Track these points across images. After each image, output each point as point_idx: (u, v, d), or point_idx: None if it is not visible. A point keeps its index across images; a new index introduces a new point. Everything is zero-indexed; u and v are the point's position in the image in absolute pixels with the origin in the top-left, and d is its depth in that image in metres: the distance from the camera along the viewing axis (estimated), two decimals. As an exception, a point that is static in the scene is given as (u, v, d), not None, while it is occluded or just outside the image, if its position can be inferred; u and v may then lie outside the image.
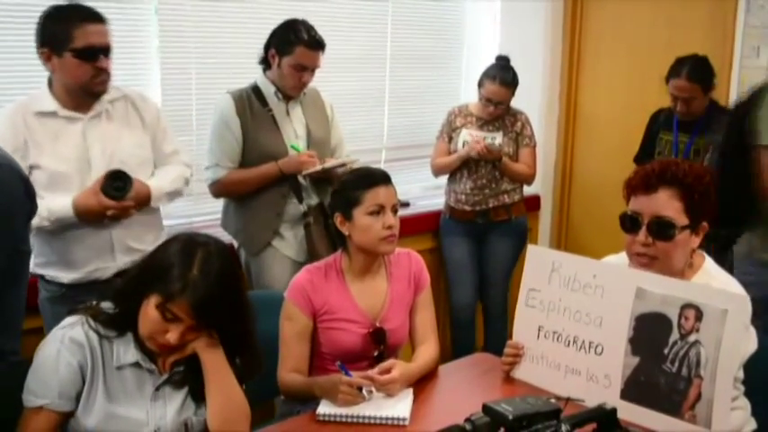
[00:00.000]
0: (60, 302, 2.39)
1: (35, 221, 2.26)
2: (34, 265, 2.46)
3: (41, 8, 2.41)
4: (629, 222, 2.05)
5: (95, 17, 2.38)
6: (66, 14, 2.36)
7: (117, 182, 2.37)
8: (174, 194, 2.66)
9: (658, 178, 2.02)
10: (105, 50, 2.39)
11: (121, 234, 2.48)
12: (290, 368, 2.22)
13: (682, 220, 1.99)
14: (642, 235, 2.01)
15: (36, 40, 2.38)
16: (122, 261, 2.44)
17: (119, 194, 2.37)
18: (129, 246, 2.49)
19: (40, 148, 2.39)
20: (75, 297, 2.32)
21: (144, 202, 2.49)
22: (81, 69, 2.36)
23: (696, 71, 3.29)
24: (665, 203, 2.00)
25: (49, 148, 2.39)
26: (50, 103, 2.42)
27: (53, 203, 2.35)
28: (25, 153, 2.36)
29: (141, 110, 2.58)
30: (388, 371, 2.09)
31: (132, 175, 2.41)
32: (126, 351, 1.78)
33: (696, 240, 2.04)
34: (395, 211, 2.27)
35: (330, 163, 3.00)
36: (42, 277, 2.50)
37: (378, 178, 2.27)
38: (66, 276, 2.47)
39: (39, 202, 2.27)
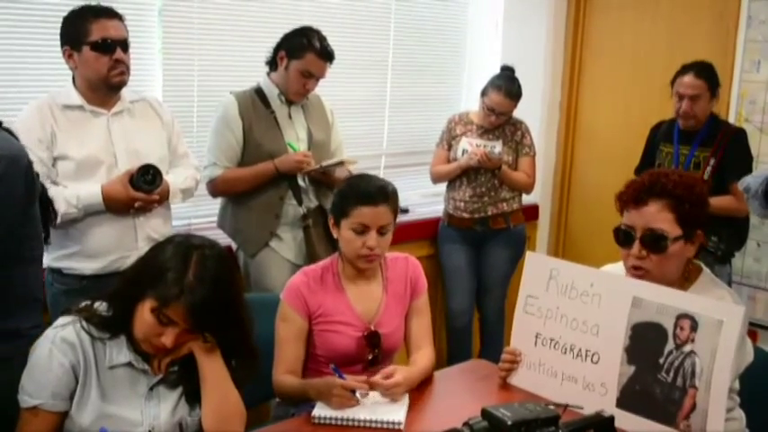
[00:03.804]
0: (78, 295, 2.40)
1: (62, 209, 2.36)
2: (49, 260, 2.52)
3: (67, 10, 2.53)
4: (623, 236, 2.06)
5: (111, 13, 2.51)
6: (83, 12, 2.49)
7: (147, 175, 2.49)
8: (186, 192, 2.75)
9: (648, 191, 2.03)
10: (122, 43, 2.50)
11: (144, 222, 2.58)
12: (285, 370, 2.22)
13: (674, 230, 2.00)
14: (636, 248, 2.02)
15: (59, 41, 2.51)
16: (144, 250, 2.46)
17: (148, 188, 2.50)
18: (149, 235, 2.57)
19: (68, 139, 2.48)
20: (93, 289, 2.34)
21: (165, 198, 2.60)
22: (99, 62, 2.47)
23: (704, 70, 3.32)
24: (656, 216, 2.01)
25: (76, 139, 2.49)
26: (76, 98, 2.53)
27: (82, 191, 2.45)
28: (51, 144, 2.47)
29: (159, 112, 2.71)
30: (390, 376, 2.08)
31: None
32: (119, 352, 1.78)
33: (692, 249, 2.05)
34: (383, 231, 2.23)
35: (328, 161, 3.02)
36: (58, 271, 2.53)
37: (372, 197, 2.21)
38: (87, 267, 2.52)
39: (64, 190, 2.36)
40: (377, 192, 2.23)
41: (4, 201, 1.81)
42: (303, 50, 2.95)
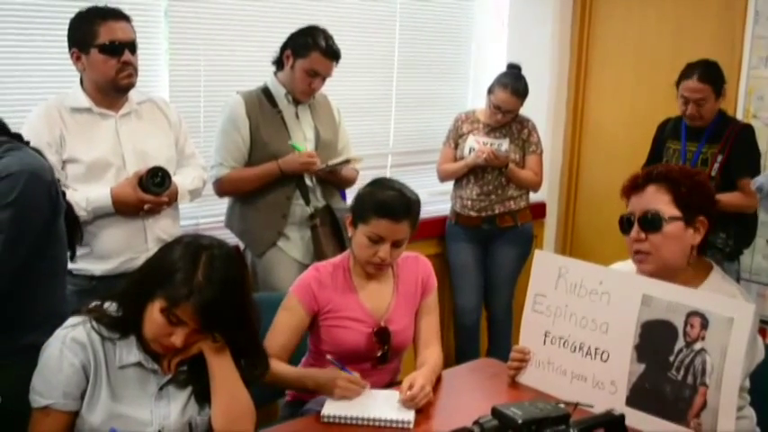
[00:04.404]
0: (88, 296, 2.41)
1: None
2: None
3: (74, 11, 2.54)
4: (625, 223, 2.10)
5: (118, 15, 2.51)
6: (91, 14, 2.49)
7: (156, 178, 2.51)
8: (194, 193, 2.77)
9: (645, 178, 2.09)
10: (130, 45, 2.51)
11: (153, 224, 2.60)
12: (272, 355, 2.17)
13: (671, 211, 2.03)
14: (634, 231, 2.05)
15: (67, 43, 2.51)
16: (154, 251, 2.47)
17: (158, 190, 2.51)
18: (159, 236, 2.58)
19: (76, 142, 2.49)
20: (104, 290, 2.35)
21: (174, 199, 2.62)
22: (107, 65, 2.48)
23: (708, 73, 3.30)
24: (653, 197, 2.05)
25: (85, 142, 2.50)
26: (84, 100, 2.54)
27: (91, 194, 2.46)
28: (60, 147, 2.48)
29: (166, 112, 2.72)
30: (412, 385, 2.06)
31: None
32: (129, 352, 1.78)
33: (696, 237, 2.05)
34: (398, 244, 2.22)
35: (334, 160, 3.03)
36: (68, 272, 2.52)
37: (394, 212, 2.17)
38: (98, 268, 2.53)
39: (74, 194, 2.36)
40: (400, 206, 2.20)
41: (26, 216, 1.82)
42: (309, 49, 2.95)
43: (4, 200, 1.78)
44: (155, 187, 2.51)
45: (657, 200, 2.04)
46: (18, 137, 1.95)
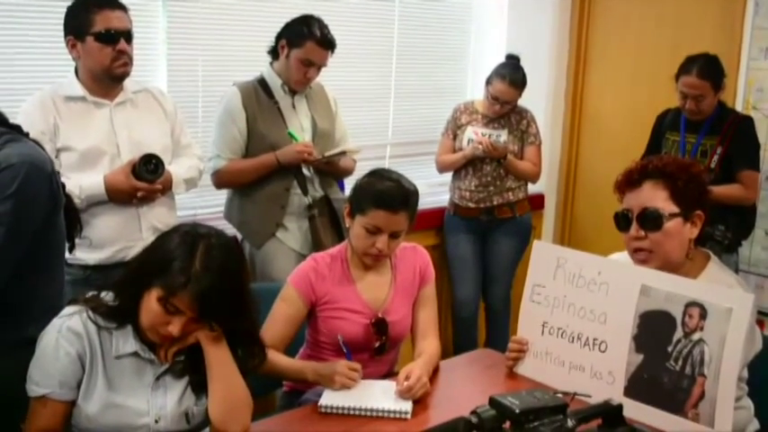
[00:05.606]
0: (83, 285, 2.42)
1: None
2: None
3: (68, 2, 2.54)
4: (622, 220, 2.08)
5: (115, 4, 2.51)
6: (88, 3, 2.50)
7: (149, 165, 2.51)
8: (189, 183, 2.76)
9: (640, 173, 2.06)
10: (125, 34, 2.51)
11: (147, 212, 2.60)
12: (269, 345, 2.15)
13: (669, 207, 2.01)
14: (634, 229, 2.04)
15: (63, 30, 2.51)
16: (149, 240, 2.47)
17: (151, 177, 2.51)
18: (153, 225, 2.58)
19: (70, 131, 2.49)
20: (98, 280, 2.36)
21: (168, 187, 2.62)
22: (102, 53, 2.48)
23: (707, 69, 3.28)
24: (651, 194, 2.03)
25: (78, 131, 2.50)
26: (78, 89, 2.54)
27: (84, 181, 2.46)
28: (54, 136, 2.48)
29: (162, 102, 2.72)
30: (409, 375, 2.06)
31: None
32: (125, 342, 1.78)
33: (694, 230, 2.05)
34: (396, 235, 2.21)
35: (331, 152, 3.02)
36: None
37: (392, 203, 2.17)
38: (92, 257, 2.53)
39: (67, 182, 2.33)
40: (398, 197, 2.19)
41: (26, 207, 1.81)
42: (303, 39, 2.93)
43: (5, 191, 1.77)
44: (148, 174, 2.51)
45: (655, 196, 2.02)
46: (18, 128, 1.94)
